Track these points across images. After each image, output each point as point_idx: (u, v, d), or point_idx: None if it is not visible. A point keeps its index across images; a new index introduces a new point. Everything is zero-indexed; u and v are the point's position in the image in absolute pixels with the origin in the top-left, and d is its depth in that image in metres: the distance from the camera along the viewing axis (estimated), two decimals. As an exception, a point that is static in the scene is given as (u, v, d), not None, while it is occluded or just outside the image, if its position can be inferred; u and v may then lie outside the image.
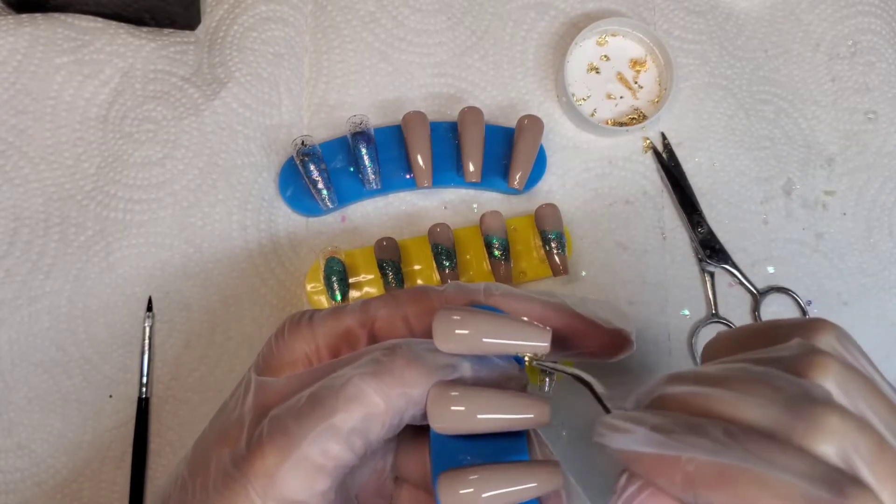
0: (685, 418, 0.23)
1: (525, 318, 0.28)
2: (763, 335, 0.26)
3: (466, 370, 0.27)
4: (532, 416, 0.26)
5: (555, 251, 0.45)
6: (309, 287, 0.45)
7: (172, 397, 0.44)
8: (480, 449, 0.27)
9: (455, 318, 0.26)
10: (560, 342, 0.29)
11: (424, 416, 0.26)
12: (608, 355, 0.30)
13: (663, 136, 0.50)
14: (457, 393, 0.26)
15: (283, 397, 0.27)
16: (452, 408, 0.26)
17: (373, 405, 0.25)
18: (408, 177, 0.47)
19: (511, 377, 0.28)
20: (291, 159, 0.47)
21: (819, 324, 0.25)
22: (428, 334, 0.28)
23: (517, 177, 0.46)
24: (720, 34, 0.52)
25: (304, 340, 0.29)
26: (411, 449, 0.31)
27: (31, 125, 0.46)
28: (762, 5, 0.52)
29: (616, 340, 0.30)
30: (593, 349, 0.30)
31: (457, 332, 0.26)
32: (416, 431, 0.29)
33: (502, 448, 0.27)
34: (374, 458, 0.31)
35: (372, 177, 0.46)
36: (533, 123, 0.46)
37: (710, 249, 0.48)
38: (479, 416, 0.25)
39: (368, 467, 0.31)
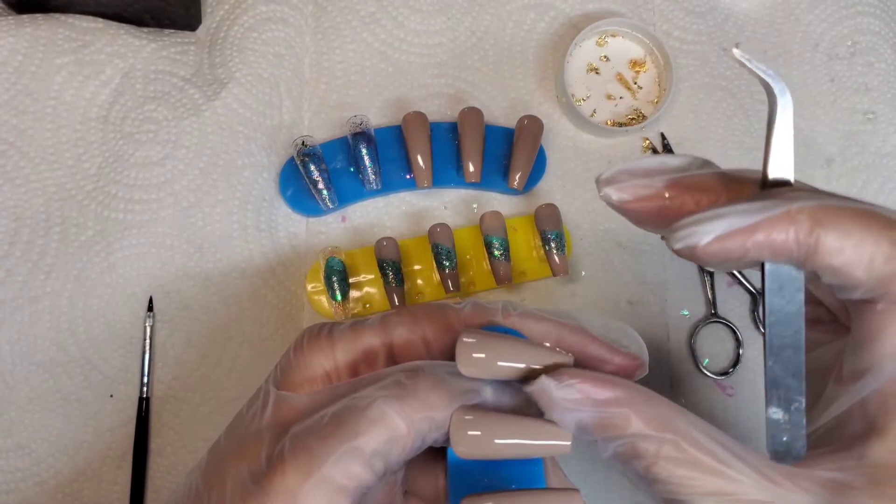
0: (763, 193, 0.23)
1: (546, 344, 0.28)
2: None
3: (488, 394, 0.27)
4: (553, 442, 0.26)
5: (554, 251, 0.45)
6: (309, 287, 0.46)
7: (173, 397, 0.44)
8: (497, 472, 0.27)
9: (478, 342, 0.26)
10: (575, 365, 0.29)
11: (446, 439, 0.26)
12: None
13: (663, 137, 0.50)
14: (480, 418, 0.26)
15: (303, 414, 0.27)
16: (474, 433, 0.25)
17: (396, 428, 0.25)
18: (408, 177, 0.47)
19: (533, 402, 0.28)
20: (292, 159, 0.47)
21: None
22: (446, 354, 0.28)
23: (517, 177, 0.46)
24: (720, 35, 0.52)
25: (324, 356, 0.29)
26: (424, 465, 0.30)
27: (32, 125, 0.46)
28: (762, 6, 0.52)
29: (630, 365, 0.29)
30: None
31: (478, 356, 0.26)
32: (429, 448, 0.29)
33: (519, 472, 0.27)
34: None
35: (372, 177, 0.46)
36: (533, 124, 0.46)
37: (710, 249, 0.48)
38: (499, 442, 0.25)
39: (383, 482, 0.31)
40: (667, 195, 0.25)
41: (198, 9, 0.49)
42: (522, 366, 0.26)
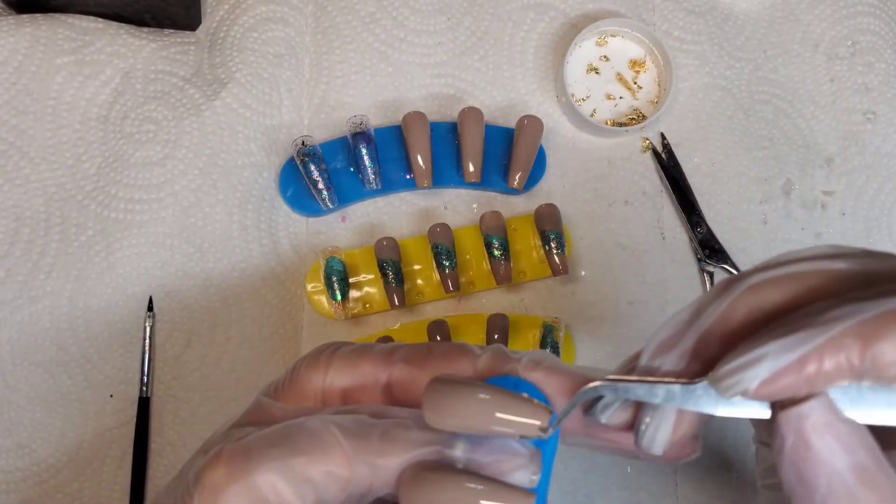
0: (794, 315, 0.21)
1: (525, 395, 0.23)
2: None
3: (459, 451, 0.24)
4: None
5: (554, 251, 0.45)
6: (309, 287, 0.46)
7: (173, 397, 0.44)
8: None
9: (444, 389, 0.23)
10: (591, 437, 0.26)
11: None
12: (633, 456, 0.27)
13: (662, 137, 0.50)
14: (432, 479, 0.23)
15: (269, 421, 0.26)
16: (423, 495, 0.23)
17: (337, 463, 0.23)
18: (408, 177, 0.47)
19: (514, 460, 0.24)
20: (292, 159, 0.47)
21: None
22: None
23: (517, 177, 0.46)
24: (719, 35, 0.52)
25: (316, 371, 0.27)
26: None
27: (32, 125, 0.46)
28: (761, 6, 0.52)
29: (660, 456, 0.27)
30: (627, 453, 0.26)
31: (445, 406, 0.23)
32: None
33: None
34: None
35: (372, 177, 0.46)
36: (533, 124, 0.46)
37: (710, 249, 0.48)
38: None
39: None
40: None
41: (198, 9, 0.49)
42: (489, 421, 0.23)
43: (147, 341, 0.44)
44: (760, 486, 0.28)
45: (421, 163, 0.45)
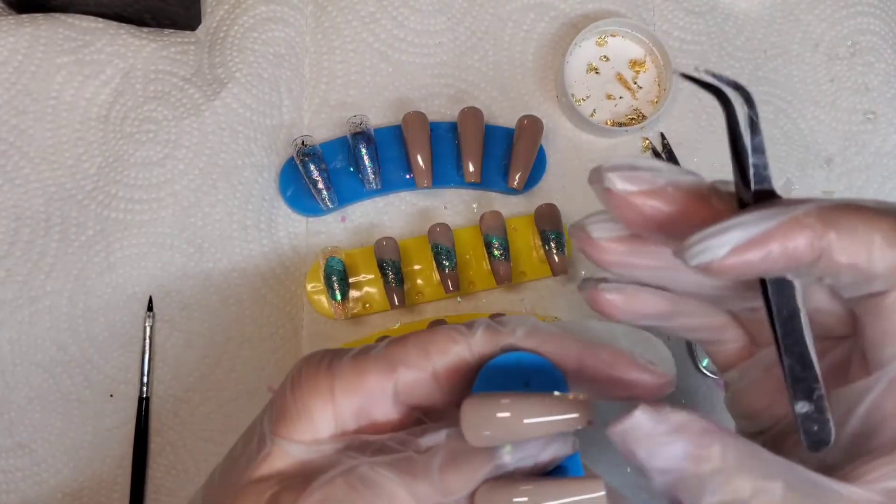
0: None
1: (556, 393, 0.24)
2: None
3: (507, 459, 0.24)
4: (589, 496, 0.23)
5: (554, 251, 0.45)
6: (309, 287, 0.46)
7: (173, 397, 0.44)
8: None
9: (484, 410, 0.24)
10: (598, 386, 0.27)
11: None
12: (637, 396, 0.28)
13: (662, 137, 0.50)
14: (507, 492, 0.24)
15: (302, 469, 0.25)
16: None
17: None
18: (408, 177, 0.47)
19: (556, 445, 0.25)
20: (292, 159, 0.47)
21: None
22: (459, 389, 0.26)
23: (517, 177, 0.46)
24: (719, 35, 0.52)
25: (322, 400, 0.26)
26: None
27: (32, 125, 0.46)
28: (761, 6, 0.52)
29: (660, 386, 0.27)
30: (631, 395, 0.27)
31: (486, 428, 0.23)
32: None
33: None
34: None
35: (372, 177, 0.46)
36: (533, 123, 0.46)
37: (710, 249, 0.48)
38: None
39: None
40: (670, 193, 0.24)
41: (198, 9, 0.49)
42: (536, 421, 0.23)
43: (147, 341, 0.44)
44: None
45: (421, 163, 0.45)
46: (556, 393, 0.24)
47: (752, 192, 0.23)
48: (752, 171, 0.23)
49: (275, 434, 0.26)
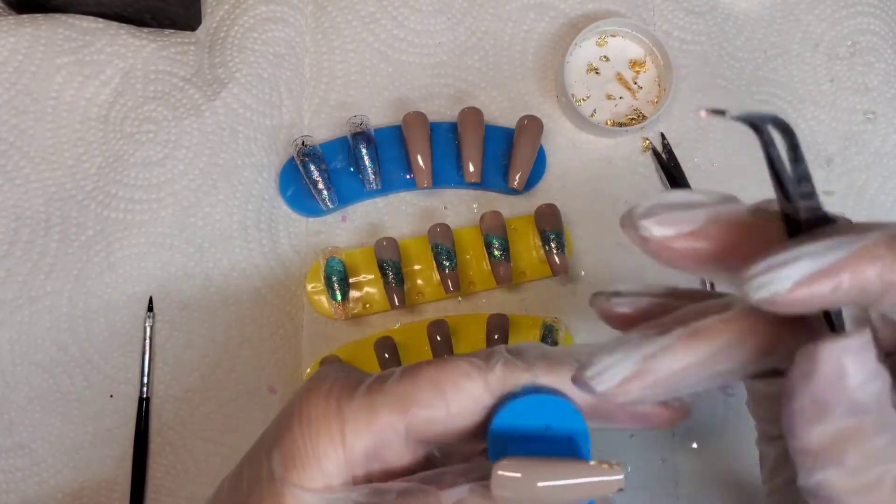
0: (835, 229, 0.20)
1: (592, 463, 0.24)
2: None
3: None
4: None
5: (554, 251, 0.45)
6: (309, 287, 0.46)
7: (173, 397, 0.44)
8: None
9: (522, 479, 0.23)
10: (614, 418, 0.26)
11: None
12: (654, 426, 0.27)
13: (662, 137, 0.50)
14: None
15: None
16: None
17: None
18: (408, 177, 0.47)
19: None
20: (292, 159, 0.47)
21: None
22: (471, 431, 0.26)
23: (517, 177, 0.46)
24: (719, 35, 0.52)
25: (333, 442, 0.26)
26: None
27: (32, 125, 0.46)
28: (761, 6, 0.52)
29: (678, 415, 0.26)
30: (646, 425, 0.27)
31: (531, 489, 0.23)
32: None
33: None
34: None
35: (372, 177, 0.46)
36: (533, 123, 0.46)
37: (710, 249, 0.48)
38: None
39: None
40: (712, 231, 0.22)
41: (198, 9, 0.49)
42: (574, 494, 0.24)
43: (147, 341, 0.44)
44: (767, 491, 0.27)
45: (421, 163, 0.45)
46: (592, 462, 0.24)
47: (802, 217, 0.21)
48: (801, 203, 0.22)
49: (287, 481, 0.26)
